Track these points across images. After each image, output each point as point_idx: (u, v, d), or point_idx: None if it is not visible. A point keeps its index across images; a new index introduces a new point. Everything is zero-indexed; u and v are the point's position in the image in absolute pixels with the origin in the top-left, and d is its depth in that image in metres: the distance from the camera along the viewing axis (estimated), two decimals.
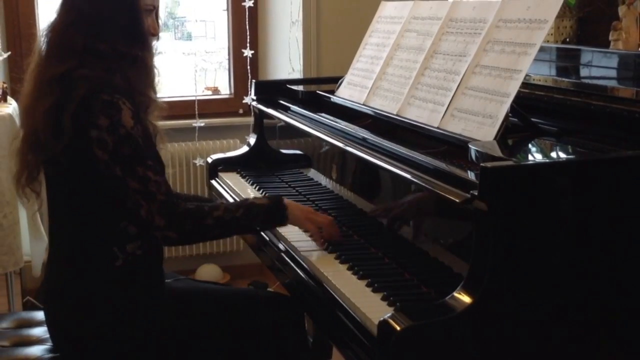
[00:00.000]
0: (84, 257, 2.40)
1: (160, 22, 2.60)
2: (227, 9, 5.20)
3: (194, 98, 4.84)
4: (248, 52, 4.94)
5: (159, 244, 2.45)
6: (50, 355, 2.47)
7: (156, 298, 2.42)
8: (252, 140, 3.58)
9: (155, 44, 2.56)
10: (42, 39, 2.45)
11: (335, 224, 2.55)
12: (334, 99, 3.08)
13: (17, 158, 2.45)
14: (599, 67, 2.73)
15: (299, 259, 2.44)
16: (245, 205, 2.44)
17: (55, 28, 2.42)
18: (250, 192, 3.15)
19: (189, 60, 5.03)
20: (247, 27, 4.98)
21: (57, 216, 2.48)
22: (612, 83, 2.67)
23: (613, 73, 2.68)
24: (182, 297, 2.53)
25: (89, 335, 2.34)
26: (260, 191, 3.13)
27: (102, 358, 2.36)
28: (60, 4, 2.44)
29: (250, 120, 3.72)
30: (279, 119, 3.27)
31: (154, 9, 2.49)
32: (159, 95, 2.58)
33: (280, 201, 2.48)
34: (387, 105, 2.70)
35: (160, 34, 2.55)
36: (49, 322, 2.47)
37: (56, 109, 2.29)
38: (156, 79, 2.54)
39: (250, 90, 3.73)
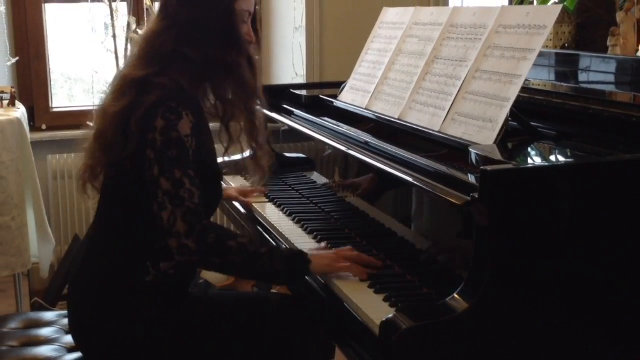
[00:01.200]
0: (117, 265, 2.36)
1: (259, 30, 2.55)
2: None
3: None
4: None
5: (188, 266, 2.35)
6: (58, 354, 2.48)
7: (178, 309, 2.39)
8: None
9: (255, 51, 2.49)
10: (137, 43, 2.44)
11: (365, 258, 2.35)
12: (336, 103, 3.09)
13: (85, 154, 2.41)
14: (597, 72, 2.73)
15: None
16: (270, 246, 2.36)
17: (149, 34, 2.40)
18: (255, 194, 3.15)
19: None
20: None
21: (102, 219, 2.45)
22: (610, 88, 2.67)
23: (611, 78, 2.69)
24: (200, 305, 2.48)
25: (110, 336, 2.33)
26: (264, 194, 3.13)
27: (119, 358, 2.36)
28: (158, 12, 2.44)
29: None
30: (282, 123, 3.28)
31: (250, 15, 2.44)
32: None
33: (304, 252, 2.33)
34: (389, 109, 2.70)
35: None
36: (72, 317, 2.46)
37: (127, 112, 2.27)
38: (259, 84, 2.47)
39: None
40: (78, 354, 2.47)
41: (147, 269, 2.32)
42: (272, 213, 2.91)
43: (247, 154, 3.46)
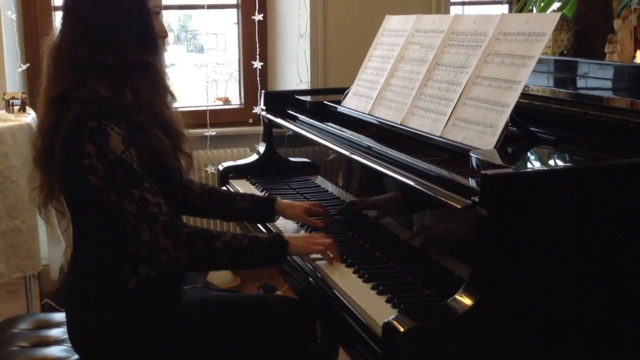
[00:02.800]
0: (97, 276, 2.33)
1: (165, 23, 2.48)
2: (238, 23, 5.22)
3: (205, 108, 4.84)
4: (258, 64, 4.95)
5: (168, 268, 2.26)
6: (67, 355, 2.48)
7: (171, 309, 2.38)
8: (261, 148, 3.59)
9: (165, 47, 2.45)
10: (48, 58, 2.33)
11: (335, 246, 2.41)
12: (340, 108, 3.09)
13: (32, 175, 2.38)
14: (595, 78, 2.73)
15: (306, 263, 2.44)
16: (249, 237, 2.32)
17: (59, 45, 2.29)
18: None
19: (200, 72, 5.04)
20: (257, 40, 4.99)
21: (76, 233, 2.42)
22: (608, 94, 2.67)
23: (608, 84, 2.69)
24: (197, 307, 2.47)
25: (101, 342, 2.32)
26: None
27: None
28: (62, 20, 2.31)
29: (260, 129, 3.73)
30: (287, 128, 3.28)
31: (161, 11, 2.39)
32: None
33: (281, 235, 2.37)
34: (391, 114, 2.71)
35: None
36: (68, 324, 2.45)
37: (51, 132, 2.23)
38: (168, 83, 2.42)
39: (260, 101, 3.75)
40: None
41: (126, 277, 2.28)
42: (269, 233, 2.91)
43: (252, 158, 3.48)
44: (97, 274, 2.33)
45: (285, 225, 2.81)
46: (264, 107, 3.59)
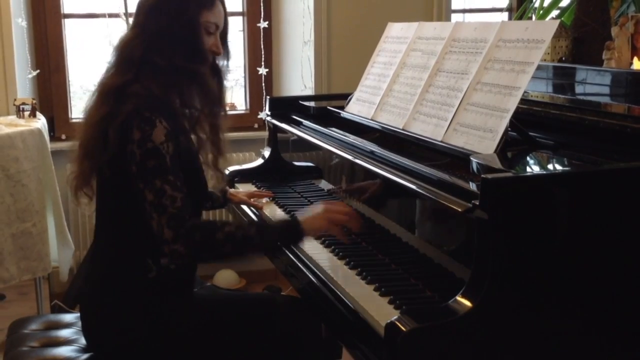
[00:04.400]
0: (120, 265, 2.38)
1: (229, 44, 2.57)
2: (243, 30, 5.22)
3: None
4: (263, 71, 4.96)
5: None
6: (77, 355, 2.48)
7: (184, 305, 2.40)
8: (266, 153, 3.59)
9: (224, 63, 2.54)
10: (112, 52, 2.44)
11: (354, 213, 2.50)
12: (343, 114, 3.09)
13: (74, 163, 2.42)
14: (592, 84, 2.73)
15: (311, 265, 2.44)
16: (257, 224, 2.36)
17: (122, 42, 2.41)
18: (264, 199, 3.16)
19: None
20: (262, 47, 5.00)
21: (101, 221, 2.47)
22: (605, 99, 2.67)
23: (606, 90, 2.69)
24: (207, 303, 2.50)
25: (118, 335, 2.34)
26: (274, 200, 3.14)
27: (129, 358, 2.36)
28: (131, 22, 2.47)
29: (265, 134, 3.73)
30: (292, 133, 3.28)
31: (217, 29, 2.45)
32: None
33: (295, 219, 2.41)
34: (393, 120, 2.71)
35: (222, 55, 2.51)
36: (83, 320, 2.47)
37: (106, 121, 2.28)
38: (223, 95, 2.53)
39: (265, 106, 3.75)
40: (92, 354, 2.47)
41: (149, 266, 2.33)
42: (281, 218, 2.92)
43: (258, 162, 3.48)
44: (120, 262, 2.38)
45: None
46: (269, 113, 3.59)
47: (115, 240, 2.41)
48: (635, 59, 2.91)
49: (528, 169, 2.30)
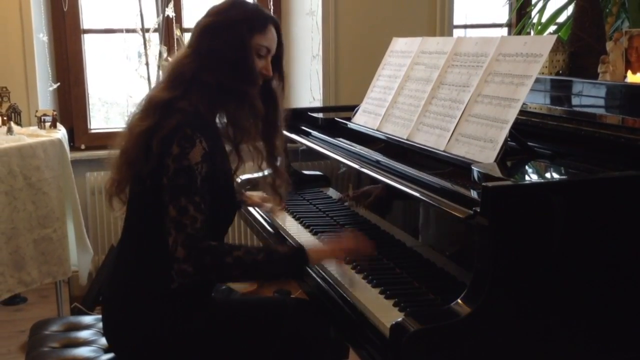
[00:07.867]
0: (144, 273, 2.36)
1: (284, 67, 2.55)
2: None
3: None
4: None
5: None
6: (96, 355, 2.49)
7: (202, 309, 2.39)
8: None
9: (279, 85, 2.52)
10: (165, 67, 2.45)
11: (361, 237, 2.47)
12: (350, 125, 3.10)
13: (112, 169, 2.41)
14: (588, 96, 2.73)
15: (319, 269, 2.44)
16: (266, 250, 2.35)
17: (176, 60, 2.41)
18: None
19: None
20: None
21: (128, 230, 2.45)
22: (601, 111, 2.67)
23: (601, 102, 2.69)
24: (223, 307, 2.50)
25: (139, 336, 2.34)
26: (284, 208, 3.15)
27: (148, 357, 2.37)
28: (187, 42, 2.46)
29: None
30: (301, 143, 3.29)
31: (269, 52, 2.43)
32: None
33: (302, 248, 2.40)
34: (398, 130, 2.71)
35: None
36: (105, 321, 2.47)
37: (151, 132, 2.27)
38: (278, 116, 2.51)
39: None
40: (113, 355, 2.48)
41: (172, 277, 2.27)
42: (291, 225, 2.93)
43: (266, 172, 3.49)
44: (144, 270, 2.37)
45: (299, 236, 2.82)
46: None
47: (141, 248, 2.39)
48: (629, 72, 2.91)
49: (527, 178, 2.30)
